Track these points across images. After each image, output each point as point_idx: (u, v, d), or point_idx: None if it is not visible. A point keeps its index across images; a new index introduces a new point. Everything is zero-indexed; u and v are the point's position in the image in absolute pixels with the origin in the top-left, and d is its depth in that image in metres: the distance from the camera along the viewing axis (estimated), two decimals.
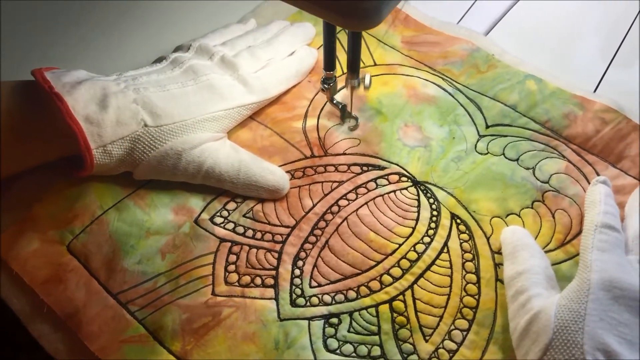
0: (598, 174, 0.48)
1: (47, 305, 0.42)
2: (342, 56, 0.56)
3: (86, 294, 0.43)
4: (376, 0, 0.35)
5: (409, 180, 0.49)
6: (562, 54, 0.59)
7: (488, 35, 0.60)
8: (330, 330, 0.41)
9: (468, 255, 0.45)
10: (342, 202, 0.47)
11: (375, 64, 0.56)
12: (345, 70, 0.54)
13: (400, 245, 0.45)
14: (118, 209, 0.47)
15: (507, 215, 0.47)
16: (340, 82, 0.52)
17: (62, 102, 0.42)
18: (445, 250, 0.45)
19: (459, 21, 0.62)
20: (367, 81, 0.50)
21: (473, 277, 0.44)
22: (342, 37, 0.57)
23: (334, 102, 0.52)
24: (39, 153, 0.44)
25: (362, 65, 0.56)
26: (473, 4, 0.63)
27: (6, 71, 0.50)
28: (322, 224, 0.46)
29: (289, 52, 0.55)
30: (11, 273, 0.44)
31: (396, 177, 0.49)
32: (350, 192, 0.48)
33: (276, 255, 0.45)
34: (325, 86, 0.50)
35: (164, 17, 0.61)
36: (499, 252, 0.45)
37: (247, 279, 0.44)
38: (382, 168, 0.49)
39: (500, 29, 0.61)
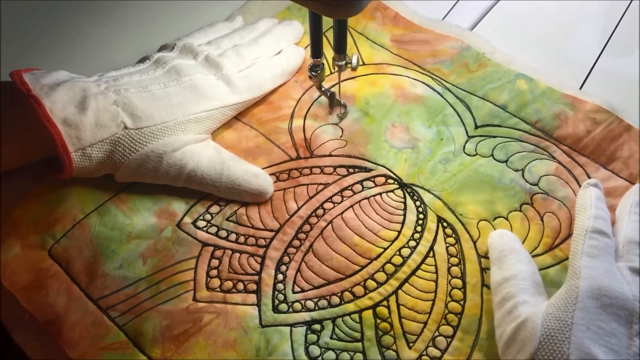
0: (589, 176, 0.47)
1: (28, 312, 0.42)
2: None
3: (67, 300, 0.42)
4: None
5: (396, 183, 0.48)
6: (548, 47, 0.58)
7: (474, 30, 0.59)
8: (312, 337, 0.41)
9: (454, 260, 0.44)
10: (328, 205, 0.47)
11: (363, 64, 0.56)
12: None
13: (385, 249, 0.44)
14: (99, 212, 0.46)
15: (495, 218, 0.46)
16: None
17: (39, 104, 0.41)
18: (431, 254, 0.44)
19: (445, 16, 0.61)
20: (354, 62, 0.49)
21: (459, 282, 0.43)
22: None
23: (322, 89, 0.51)
24: (18, 155, 0.44)
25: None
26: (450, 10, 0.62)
27: None
28: (306, 227, 0.46)
29: (275, 51, 0.54)
30: None
31: (383, 180, 0.48)
32: (335, 194, 0.47)
33: (259, 260, 0.44)
34: (313, 74, 0.49)
35: (150, 15, 0.60)
36: (486, 257, 0.44)
37: (229, 284, 0.43)
38: (368, 170, 0.49)
39: (486, 22, 0.61)
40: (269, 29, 0.55)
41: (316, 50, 0.48)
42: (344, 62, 0.49)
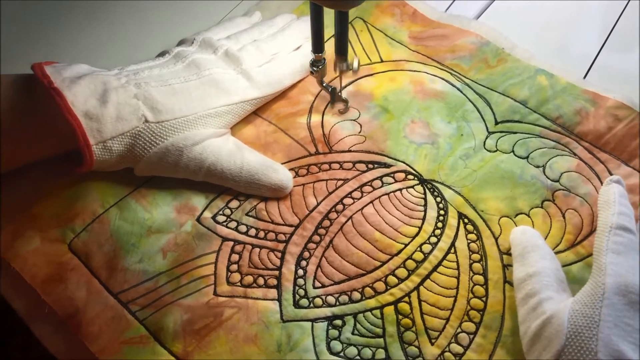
0: (610, 173, 0.47)
1: (48, 305, 0.42)
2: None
3: (87, 293, 0.42)
4: None
5: (416, 179, 0.48)
6: (547, 43, 0.58)
7: (479, 20, 0.59)
8: (333, 333, 0.41)
9: (476, 256, 0.44)
10: (347, 201, 0.46)
11: (382, 61, 0.55)
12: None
13: (406, 245, 0.44)
14: (119, 207, 0.46)
15: (516, 215, 0.45)
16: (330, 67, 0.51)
17: (61, 97, 0.41)
18: (452, 250, 0.44)
19: (448, 8, 0.60)
20: (355, 65, 0.49)
21: (480, 279, 0.42)
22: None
23: (324, 84, 0.51)
24: (39, 148, 0.44)
25: (368, 62, 0.55)
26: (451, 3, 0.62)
27: (7, 65, 0.49)
28: (326, 223, 0.45)
29: (294, 46, 0.53)
30: (12, 272, 0.43)
31: (402, 175, 0.48)
32: (355, 190, 0.47)
33: (279, 255, 0.44)
34: (314, 69, 0.49)
35: (168, 10, 0.60)
36: (508, 253, 0.43)
37: (249, 279, 0.43)
38: (388, 166, 0.48)
39: (484, 19, 0.60)
40: (288, 24, 0.55)
41: (318, 45, 0.47)
42: (345, 65, 0.49)
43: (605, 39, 0.58)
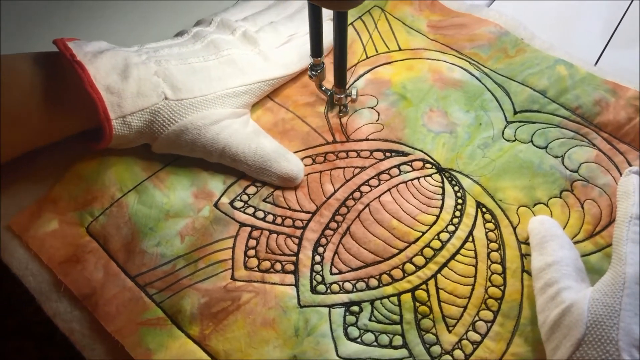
0: (630, 164, 0.47)
1: (64, 284, 0.42)
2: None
3: (104, 275, 0.42)
4: None
5: (434, 167, 0.47)
6: (556, 35, 0.57)
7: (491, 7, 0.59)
8: (351, 319, 0.41)
9: (494, 245, 0.43)
10: (364, 188, 0.46)
11: (400, 49, 0.55)
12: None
13: (423, 233, 0.44)
14: (137, 191, 0.46)
15: (535, 204, 0.45)
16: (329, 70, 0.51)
17: (83, 70, 0.41)
18: (470, 239, 0.44)
19: None
20: (353, 94, 0.49)
21: (498, 268, 0.42)
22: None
23: (322, 89, 0.50)
24: (60, 126, 0.44)
25: (387, 50, 0.55)
26: None
27: (25, 43, 0.49)
28: (343, 210, 0.45)
29: None
30: (29, 252, 0.43)
31: (420, 164, 0.48)
32: (372, 178, 0.47)
33: (296, 241, 0.44)
34: (313, 73, 0.48)
35: None
36: (526, 243, 0.43)
37: (267, 264, 0.43)
38: (405, 154, 0.48)
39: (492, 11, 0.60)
40: (304, 4, 0.55)
41: (316, 49, 0.47)
42: (344, 97, 0.49)
43: (611, 35, 0.57)
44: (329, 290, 0.42)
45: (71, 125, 0.44)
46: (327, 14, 0.48)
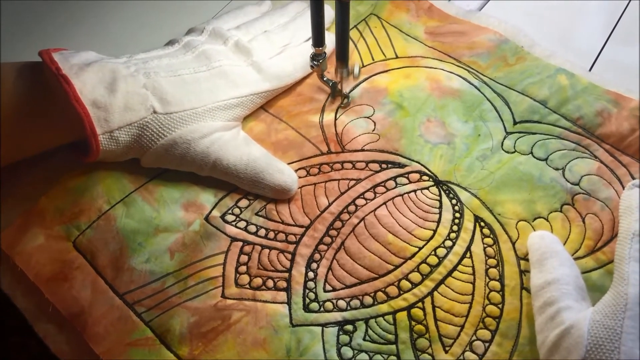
0: (632, 176, 0.45)
1: (52, 304, 0.41)
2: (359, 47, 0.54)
3: (92, 293, 0.41)
4: None
5: (431, 180, 0.46)
6: (554, 32, 0.56)
7: (483, 10, 0.57)
8: (344, 338, 0.39)
9: (492, 261, 0.42)
10: (360, 202, 0.45)
11: (397, 57, 0.54)
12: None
13: (420, 248, 0.43)
14: (126, 204, 0.45)
15: (535, 219, 0.44)
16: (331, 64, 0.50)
17: (69, 84, 0.40)
18: (467, 255, 0.42)
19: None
20: (355, 70, 0.49)
21: (497, 285, 0.41)
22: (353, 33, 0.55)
23: (324, 79, 0.49)
24: (46, 138, 0.43)
25: (383, 57, 0.54)
26: None
27: (12, 53, 0.48)
28: (337, 224, 0.44)
29: (306, 37, 0.52)
30: (16, 269, 0.42)
31: (417, 176, 0.46)
32: (368, 190, 0.46)
33: (289, 256, 0.43)
34: (315, 63, 0.48)
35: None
36: (525, 258, 0.42)
37: (258, 281, 0.42)
38: (402, 166, 0.47)
39: (491, 5, 0.59)
40: (300, 13, 0.54)
41: (318, 39, 0.46)
42: (346, 71, 0.48)
43: (610, 32, 0.56)
44: (322, 309, 0.41)
45: (58, 137, 0.43)
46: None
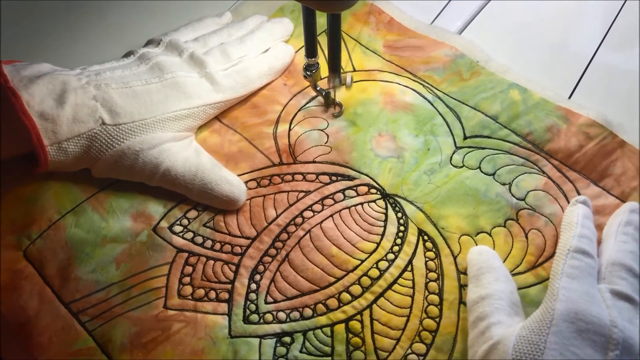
0: (579, 192, 0.46)
1: (1, 313, 0.42)
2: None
3: (39, 302, 0.42)
4: None
5: (378, 193, 0.47)
6: (548, 38, 0.57)
7: (468, 28, 0.59)
8: (281, 350, 0.40)
9: (432, 275, 0.43)
10: (307, 214, 0.46)
11: (354, 70, 0.54)
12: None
13: (362, 261, 0.43)
14: (76, 213, 0.45)
15: (477, 233, 0.44)
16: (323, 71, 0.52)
17: (16, 96, 0.41)
18: (409, 268, 0.43)
19: (434, 20, 0.60)
20: (348, 80, 0.50)
21: (435, 299, 0.42)
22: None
23: (317, 89, 0.50)
24: None
25: (341, 70, 0.54)
26: (448, 3, 0.61)
27: None
28: (284, 236, 0.45)
29: (263, 49, 0.53)
30: None
31: (365, 189, 0.47)
32: (316, 202, 0.46)
33: (234, 268, 0.43)
34: (308, 73, 0.49)
35: (138, 8, 0.59)
36: (465, 273, 0.43)
37: (201, 292, 0.42)
38: (351, 178, 0.48)
39: (481, 18, 0.60)
40: (258, 26, 0.54)
41: (310, 50, 0.47)
42: (338, 81, 0.50)
43: (603, 37, 0.57)
44: (261, 320, 0.41)
45: (8, 149, 0.43)
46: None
